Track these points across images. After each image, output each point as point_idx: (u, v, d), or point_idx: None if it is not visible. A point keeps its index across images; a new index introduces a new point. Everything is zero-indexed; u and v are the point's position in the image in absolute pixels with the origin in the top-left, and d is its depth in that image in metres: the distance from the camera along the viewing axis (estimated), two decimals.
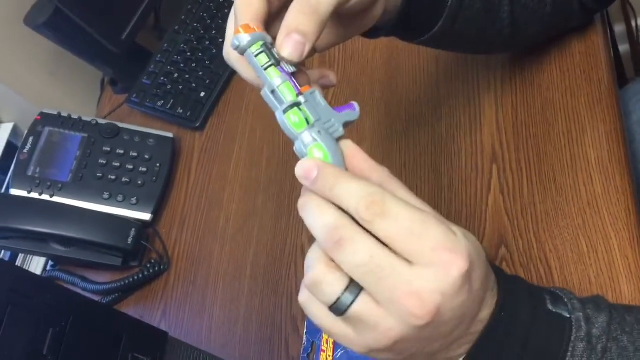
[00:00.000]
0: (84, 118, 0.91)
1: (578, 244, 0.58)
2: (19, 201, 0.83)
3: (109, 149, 0.89)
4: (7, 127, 1.05)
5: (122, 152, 0.89)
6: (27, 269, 0.92)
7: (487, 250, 0.42)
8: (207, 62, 0.96)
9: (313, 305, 0.37)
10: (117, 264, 0.83)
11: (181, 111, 0.93)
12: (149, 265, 0.82)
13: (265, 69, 0.39)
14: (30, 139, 0.89)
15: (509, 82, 0.70)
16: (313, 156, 0.37)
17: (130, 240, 0.81)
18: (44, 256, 0.89)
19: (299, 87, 0.39)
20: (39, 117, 0.90)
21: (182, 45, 0.98)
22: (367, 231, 0.35)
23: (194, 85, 0.95)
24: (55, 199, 0.85)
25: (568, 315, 0.41)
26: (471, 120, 0.70)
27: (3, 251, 0.91)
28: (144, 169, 0.88)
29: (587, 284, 0.56)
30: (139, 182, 0.87)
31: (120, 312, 0.43)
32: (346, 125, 0.40)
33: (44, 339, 0.37)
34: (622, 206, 0.57)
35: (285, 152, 0.83)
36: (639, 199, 0.58)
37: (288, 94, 0.38)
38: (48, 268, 0.90)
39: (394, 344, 0.36)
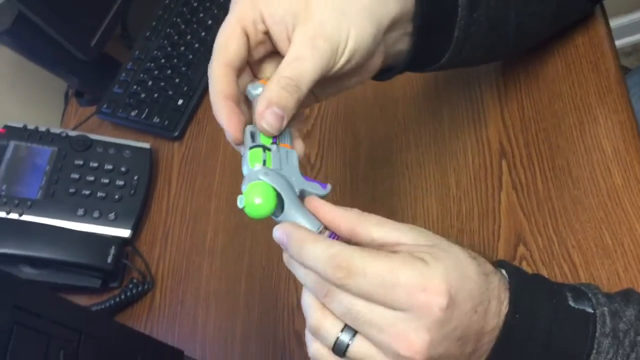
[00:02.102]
0: (53, 130, 0.85)
1: (602, 237, 0.56)
2: None
3: (81, 162, 0.83)
4: None
5: (96, 165, 0.83)
6: None
7: (477, 257, 0.39)
8: (183, 68, 0.91)
9: (320, 349, 0.39)
10: (96, 286, 0.76)
11: (158, 120, 0.88)
12: (131, 286, 0.76)
13: None
14: None
15: (511, 77, 0.68)
16: (252, 194, 0.37)
17: (109, 259, 0.75)
18: None
19: (277, 139, 0.41)
20: (3, 130, 0.83)
21: (155, 52, 0.93)
22: None
23: (170, 92, 0.89)
24: (25, 217, 0.78)
25: (592, 311, 0.39)
26: (474, 117, 0.68)
27: None
28: (121, 182, 0.82)
29: (616, 279, 0.54)
30: (116, 197, 0.81)
31: (133, 329, 0.38)
32: (303, 193, 0.40)
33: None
34: None
35: None
36: None
37: (266, 139, 0.41)
38: None
39: None
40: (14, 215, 0.78)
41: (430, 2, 0.47)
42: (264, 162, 0.39)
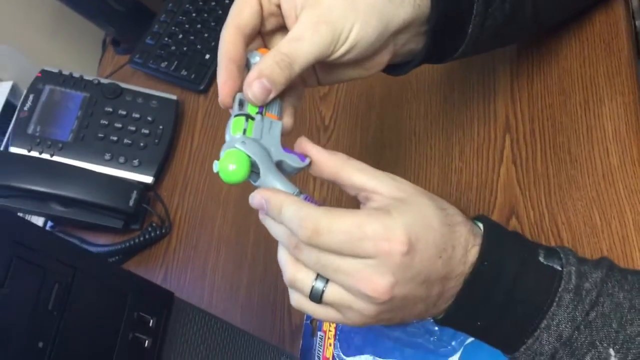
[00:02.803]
0: (86, 77, 0.89)
1: (591, 216, 0.57)
2: (19, 159, 0.81)
3: (111, 110, 0.87)
4: (6, 86, 1.03)
5: (124, 113, 0.87)
6: None
7: (448, 207, 0.42)
8: (212, 24, 0.93)
9: (299, 298, 0.42)
10: (118, 227, 0.81)
11: (185, 73, 0.91)
12: (150, 229, 0.81)
13: None
14: (31, 97, 0.87)
15: (524, 51, 0.68)
16: (226, 161, 0.39)
17: (131, 202, 0.80)
18: (43, 216, 0.88)
19: (263, 109, 0.42)
20: (40, 75, 0.88)
21: (187, 6, 0.96)
22: None
23: (198, 47, 0.92)
24: (56, 158, 0.83)
25: (560, 268, 0.41)
26: (485, 89, 0.69)
27: None
28: (147, 131, 0.86)
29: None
30: (141, 144, 0.85)
31: (126, 270, 0.42)
32: (282, 164, 0.42)
33: (49, 294, 0.36)
34: (638, 179, 0.56)
35: None
36: None
37: (253, 108, 0.42)
38: (47, 228, 0.89)
39: (376, 318, 0.40)
40: (45, 156, 0.83)
41: (447, 5, 0.47)
42: (244, 132, 0.41)
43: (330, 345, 0.63)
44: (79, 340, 0.38)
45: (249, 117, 0.41)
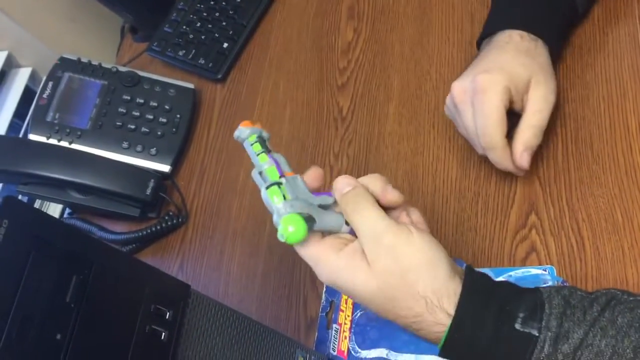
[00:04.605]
0: (104, 65, 0.89)
1: (613, 213, 0.56)
2: (38, 146, 0.82)
3: (129, 98, 0.87)
4: (26, 72, 1.03)
5: (142, 101, 0.87)
6: None
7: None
8: (230, 12, 0.93)
9: None
10: (135, 215, 0.82)
11: (203, 62, 0.91)
12: (167, 217, 0.81)
13: (257, 154, 0.47)
14: (50, 84, 0.87)
15: None
16: (286, 226, 0.44)
17: (149, 191, 0.80)
18: (61, 203, 0.88)
19: (282, 171, 0.47)
20: (58, 62, 0.88)
21: None
22: None
23: (216, 35, 0.92)
24: (74, 146, 0.83)
25: (536, 334, 0.41)
26: None
27: (20, 196, 0.90)
28: (164, 120, 0.86)
29: (620, 255, 0.55)
30: (159, 133, 0.85)
31: (143, 262, 0.42)
32: (320, 207, 0.47)
33: (67, 286, 0.36)
34: None
35: (308, 109, 0.81)
36: None
37: (273, 175, 0.46)
38: (65, 215, 0.90)
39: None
40: (64, 143, 0.83)
41: None
42: (284, 197, 0.45)
43: (345, 338, 0.62)
44: (97, 333, 0.38)
45: (278, 184, 0.46)
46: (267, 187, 0.46)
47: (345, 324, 0.64)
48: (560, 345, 0.40)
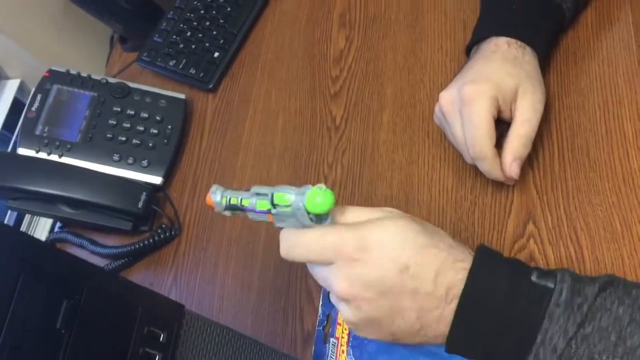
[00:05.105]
0: (94, 76, 0.88)
1: (611, 222, 0.56)
2: (27, 161, 0.81)
3: (119, 109, 0.86)
4: (14, 84, 1.02)
5: (132, 112, 0.86)
6: (34, 230, 0.90)
7: (431, 232, 0.47)
8: (221, 21, 0.92)
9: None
10: (127, 228, 0.80)
11: (194, 72, 0.90)
12: (159, 231, 0.80)
13: (242, 202, 0.47)
14: (39, 97, 0.86)
15: None
16: (314, 196, 0.44)
17: (141, 204, 0.79)
18: (51, 218, 0.87)
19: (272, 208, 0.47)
20: (47, 74, 0.87)
21: (195, 3, 0.94)
22: None
23: (207, 44, 0.91)
24: (64, 159, 0.82)
25: (552, 286, 0.42)
26: None
27: (9, 212, 0.89)
28: (155, 131, 0.85)
29: (620, 264, 0.54)
30: (150, 145, 0.84)
31: (136, 284, 0.41)
32: None
33: (57, 311, 0.35)
34: None
35: (301, 118, 0.80)
36: None
37: (262, 204, 0.46)
38: (56, 229, 0.89)
39: (358, 321, 0.46)
40: (54, 157, 0.82)
41: None
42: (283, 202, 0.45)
43: (343, 352, 0.62)
44: (89, 358, 0.37)
45: (269, 204, 0.46)
46: (272, 210, 0.46)
47: (342, 337, 0.63)
48: (574, 297, 0.41)
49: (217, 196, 0.49)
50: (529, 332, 0.42)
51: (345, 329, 0.63)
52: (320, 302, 0.66)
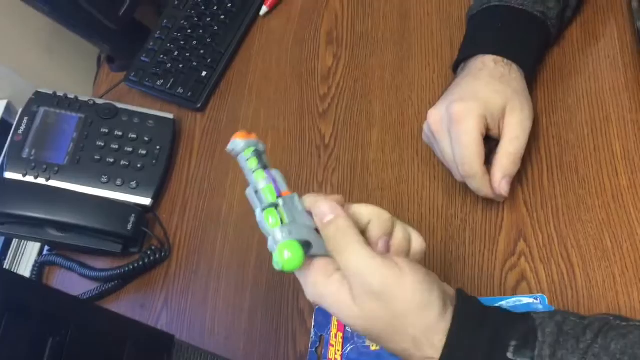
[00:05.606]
0: (81, 98, 0.88)
1: (602, 239, 0.56)
2: (14, 185, 0.80)
3: (107, 131, 0.85)
4: (1, 105, 1.01)
5: (120, 133, 0.85)
6: (22, 253, 0.89)
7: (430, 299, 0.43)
8: (208, 40, 0.92)
9: None
10: (117, 250, 0.80)
11: (182, 91, 0.90)
12: (149, 252, 0.80)
13: (254, 171, 0.44)
14: (25, 120, 0.85)
15: None
16: (282, 253, 0.41)
17: (130, 226, 0.78)
18: (39, 242, 0.86)
19: (279, 190, 0.44)
20: (33, 97, 0.86)
21: (182, 22, 0.94)
22: None
23: (195, 64, 0.91)
24: (52, 182, 0.81)
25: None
26: None
27: None
28: (144, 152, 0.85)
29: (612, 282, 0.54)
30: (139, 165, 0.84)
31: (124, 316, 0.41)
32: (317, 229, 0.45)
33: (43, 349, 0.35)
34: None
35: (290, 138, 0.80)
36: None
37: (269, 195, 0.43)
38: (44, 252, 0.88)
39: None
40: (41, 180, 0.81)
41: None
42: (281, 220, 0.43)
43: None
44: None
45: (274, 205, 0.43)
46: (264, 209, 0.43)
47: (335, 359, 0.62)
48: None
49: (243, 144, 0.45)
50: None
51: (338, 351, 0.63)
52: (313, 324, 0.65)
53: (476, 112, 0.56)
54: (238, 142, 0.45)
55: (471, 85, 0.59)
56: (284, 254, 0.41)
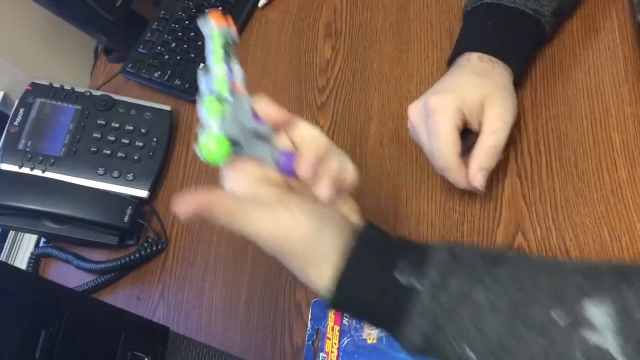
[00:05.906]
0: (77, 89, 0.87)
1: (600, 233, 0.55)
2: (10, 177, 0.79)
3: (103, 122, 0.85)
4: None
5: (117, 125, 0.85)
6: (18, 246, 0.89)
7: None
8: None
9: None
10: (114, 243, 0.79)
11: (179, 83, 0.89)
12: (146, 245, 0.79)
13: (214, 60, 0.43)
14: (21, 111, 0.84)
15: None
16: (207, 143, 0.41)
17: (126, 218, 0.78)
18: (36, 234, 0.86)
19: (233, 85, 0.43)
20: (29, 88, 0.86)
21: (179, 13, 0.94)
22: None
23: (192, 55, 0.90)
24: (48, 174, 0.81)
25: (417, 286, 0.41)
26: None
27: None
28: (141, 144, 0.84)
29: None
30: (135, 157, 0.83)
31: (118, 308, 0.40)
32: (257, 131, 0.44)
33: (36, 341, 0.34)
34: None
35: None
36: None
37: (222, 88, 0.42)
38: (41, 244, 0.87)
39: None
40: (37, 172, 0.81)
41: None
42: (223, 116, 0.42)
43: None
44: None
45: (223, 100, 0.42)
46: (208, 98, 0.43)
47: (332, 352, 0.62)
48: (439, 295, 0.40)
49: (215, 31, 0.44)
50: (392, 326, 0.42)
51: (335, 344, 0.62)
52: (310, 317, 0.65)
53: (452, 104, 0.56)
54: (210, 24, 0.44)
55: (451, 80, 0.59)
56: (210, 145, 0.41)
